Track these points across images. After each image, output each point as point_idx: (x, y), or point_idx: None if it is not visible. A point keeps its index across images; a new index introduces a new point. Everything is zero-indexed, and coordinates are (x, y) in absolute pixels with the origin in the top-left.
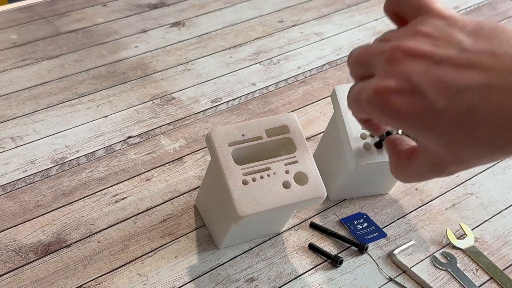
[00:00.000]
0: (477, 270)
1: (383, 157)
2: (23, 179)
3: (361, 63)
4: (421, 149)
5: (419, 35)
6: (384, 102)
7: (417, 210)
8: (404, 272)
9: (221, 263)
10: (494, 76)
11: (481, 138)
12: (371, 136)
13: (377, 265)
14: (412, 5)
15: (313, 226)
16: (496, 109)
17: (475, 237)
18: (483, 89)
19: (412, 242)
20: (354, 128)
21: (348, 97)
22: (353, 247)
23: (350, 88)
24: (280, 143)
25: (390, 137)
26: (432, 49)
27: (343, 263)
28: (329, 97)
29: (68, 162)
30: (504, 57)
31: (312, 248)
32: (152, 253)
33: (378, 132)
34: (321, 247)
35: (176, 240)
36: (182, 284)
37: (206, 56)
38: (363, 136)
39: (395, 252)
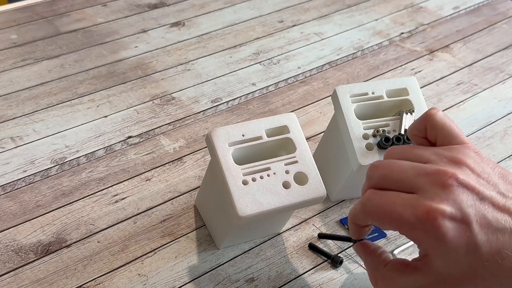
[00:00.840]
0: None
1: None
2: (23, 179)
3: (396, 179)
4: (423, 267)
5: (464, 166)
6: (436, 224)
7: None
8: None
9: (221, 263)
10: None
11: (497, 274)
12: (373, 136)
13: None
14: (444, 133)
15: (321, 236)
16: None
17: None
18: (511, 234)
19: (412, 242)
20: (356, 128)
21: (368, 204)
22: (352, 247)
23: (370, 196)
24: (280, 143)
25: (364, 243)
26: (479, 186)
27: (343, 263)
28: (329, 97)
29: (68, 162)
30: None
31: (312, 248)
32: (152, 253)
33: (359, 236)
34: (321, 247)
35: (176, 240)
36: (182, 284)
37: (206, 56)
38: (365, 136)
39: (395, 252)
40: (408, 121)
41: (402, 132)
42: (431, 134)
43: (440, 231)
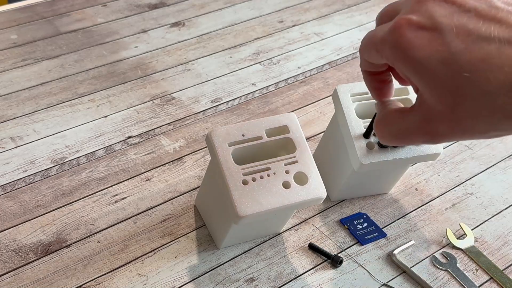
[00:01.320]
0: (477, 270)
1: (387, 156)
2: (23, 179)
3: (390, 10)
4: (416, 105)
5: None
6: (400, 32)
7: (417, 210)
8: (404, 272)
9: (221, 263)
10: None
11: (486, 91)
12: (374, 135)
13: (369, 273)
14: None
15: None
16: (510, 64)
17: (475, 237)
18: (502, 43)
19: (412, 242)
20: (357, 127)
21: (362, 39)
22: (353, 248)
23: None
24: (280, 143)
25: (381, 99)
26: None
27: (343, 263)
28: (329, 97)
29: (68, 162)
30: None
31: (312, 248)
32: (152, 253)
33: (380, 93)
34: (321, 247)
35: (176, 240)
36: (182, 284)
37: (206, 56)
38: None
39: (395, 252)
40: None
41: None
42: None
43: (405, 37)
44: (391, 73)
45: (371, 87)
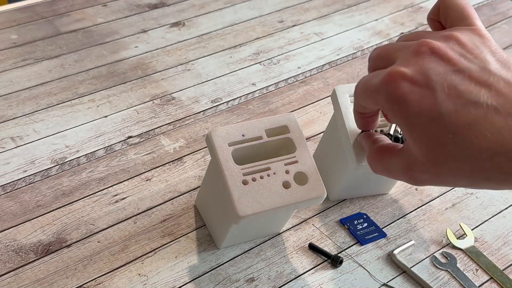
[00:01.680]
0: (477, 270)
1: None
2: (23, 179)
3: (383, 56)
4: (404, 150)
5: (453, 40)
6: (394, 86)
7: (417, 210)
8: (404, 272)
9: (221, 263)
10: (504, 102)
11: (468, 154)
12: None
13: (369, 273)
14: (457, 13)
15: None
16: (494, 131)
17: (475, 237)
18: (490, 110)
19: (412, 242)
20: (354, 128)
21: (358, 83)
22: (353, 248)
23: (362, 77)
24: (280, 143)
25: (367, 132)
26: (459, 58)
27: (343, 263)
28: (329, 97)
29: (68, 162)
30: None
31: (312, 248)
32: (152, 253)
33: (367, 127)
34: (321, 247)
35: (176, 240)
36: (182, 284)
37: (206, 56)
38: None
39: (395, 252)
40: None
41: (391, 132)
42: (443, 16)
43: (399, 91)
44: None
45: (359, 123)
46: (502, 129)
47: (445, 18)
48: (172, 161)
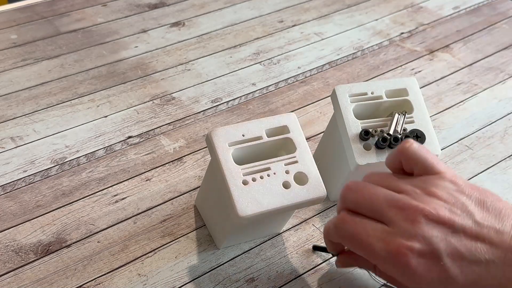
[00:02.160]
0: None
1: (384, 157)
2: (23, 179)
3: (368, 206)
4: None
5: (436, 198)
6: (405, 261)
7: None
8: None
9: (221, 263)
10: (498, 252)
11: None
12: (372, 136)
13: (369, 273)
14: (419, 166)
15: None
16: (495, 283)
17: None
18: (489, 264)
19: None
20: (354, 128)
21: (341, 228)
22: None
23: (343, 219)
24: (280, 143)
25: (346, 253)
26: (450, 217)
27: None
28: (329, 97)
29: (68, 162)
30: (506, 236)
31: (316, 249)
32: (152, 253)
33: (337, 251)
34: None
35: (176, 240)
36: (182, 284)
37: (206, 56)
38: (363, 137)
39: None
40: (399, 122)
41: (391, 132)
42: (407, 166)
43: (410, 267)
44: None
45: (331, 249)
46: (502, 279)
47: (410, 169)
48: (172, 161)
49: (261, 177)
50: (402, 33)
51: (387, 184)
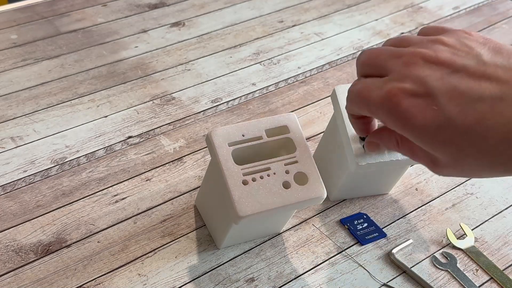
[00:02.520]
0: (477, 270)
1: (383, 157)
2: (23, 179)
3: (373, 64)
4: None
5: (440, 43)
6: (395, 102)
7: (417, 210)
8: (404, 272)
9: (221, 263)
10: (507, 88)
11: (484, 150)
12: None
13: (369, 273)
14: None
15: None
16: (504, 122)
17: (475, 237)
18: (495, 101)
19: (410, 241)
20: None
21: (350, 92)
22: (353, 248)
23: (354, 84)
24: (280, 143)
25: (379, 130)
26: (451, 58)
27: (343, 263)
28: (329, 97)
29: (68, 162)
30: None
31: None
32: (152, 253)
33: (365, 132)
34: (321, 247)
35: (176, 240)
36: (182, 284)
37: (206, 56)
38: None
39: (394, 251)
40: None
41: None
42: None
43: (401, 108)
44: None
45: (358, 129)
46: (511, 115)
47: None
48: (172, 161)
49: (261, 177)
50: (402, 33)
51: (399, 43)
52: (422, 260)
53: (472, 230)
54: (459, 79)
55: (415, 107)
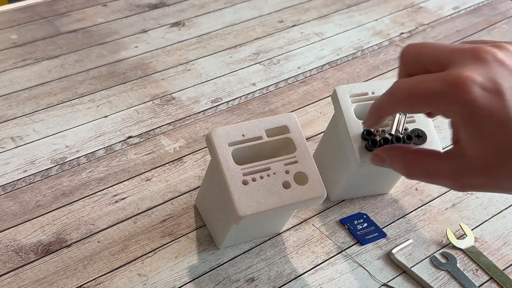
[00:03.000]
0: (477, 270)
1: None
2: (23, 179)
3: (431, 56)
4: (453, 155)
5: (505, 49)
6: (465, 90)
7: (417, 210)
8: (404, 272)
9: (221, 263)
10: None
11: None
12: (374, 136)
13: (369, 273)
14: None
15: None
16: None
17: (475, 237)
18: None
19: (410, 241)
20: (355, 128)
21: (396, 88)
22: (353, 248)
23: (398, 82)
24: (280, 143)
25: (389, 145)
26: None
27: (343, 263)
28: (329, 97)
29: (68, 162)
30: None
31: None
32: (152, 253)
33: (374, 126)
34: (321, 247)
35: (176, 240)
36: (182, 284)
37: (206, 56)
38: (364, 137)
39: (394, 251)
40: (400, 122)
41: (393, 132)
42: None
43: (470, 95)
44: None
45: (372, 123)
46: None
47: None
48: (172, 161)
49: (261, 177)
50: (402, 33)
51: (450, 44)
52: (422, 260)
53: (472, 230)
54: None
55: (484, 98)
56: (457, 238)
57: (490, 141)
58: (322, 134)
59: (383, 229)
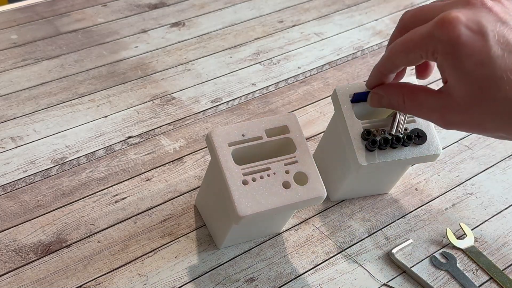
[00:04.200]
0: (477, 270)
1: (385, 157)
2: (23, 179)
3: (423, 14)
4: (442, 91)
5: (496, 1)
6: (450, 28)
7: (417, 210)
8: (404, 272)
9: (221, 263)
10: None
11: (510, 100)
12: (373, 136)
13: (369, 273)
14: None
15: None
16: None
17: (475, 237)
18: None
19: (410, 241)
20: (356, 128)
21: (393, 45)
22: (353, 248)
23: (394, 42)
24: (280, 143)
25: (388, 83)
26: (503, 13)
27: (343, 263)
28: (329, 97)
29: (68, 162)
30: None
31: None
32: (152, 253)
33: (378, 83)
34: (321, 247)
35: (176, 240)
36: (182, 284)
37: (206, 56)
38: (364, 137)
39: (393, 251)
40: (400, 121)
41: (393, 132)
42: None
43: (455, 32)
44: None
45: (376, 81)
46: None
47: None
48: (172, 161)
49: (261, 177)
50: None
51: None
52: (422, 260)
53: (472, 230)
54: (508, 30)
55: (467, 37)
56: (457, 238)
57: (471, 79)
58: (322, 134)
59: (383, 229)
